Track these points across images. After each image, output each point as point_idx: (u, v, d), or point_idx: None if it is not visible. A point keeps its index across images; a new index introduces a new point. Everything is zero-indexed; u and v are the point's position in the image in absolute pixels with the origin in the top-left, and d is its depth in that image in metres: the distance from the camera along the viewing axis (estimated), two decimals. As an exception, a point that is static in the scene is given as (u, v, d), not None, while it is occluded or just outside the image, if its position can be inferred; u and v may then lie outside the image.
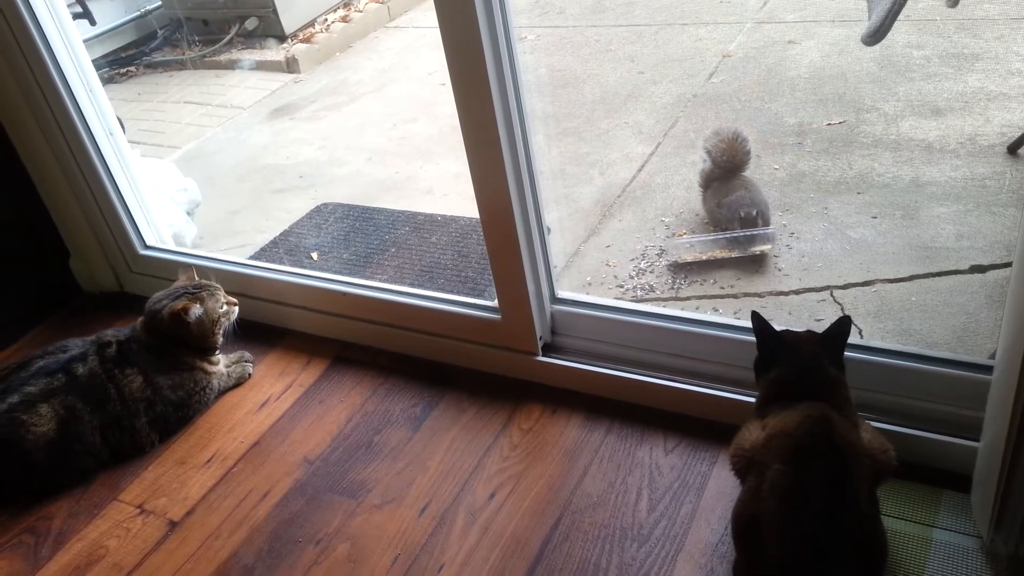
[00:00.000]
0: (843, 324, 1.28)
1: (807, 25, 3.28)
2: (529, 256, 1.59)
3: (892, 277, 1.95)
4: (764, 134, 2.62)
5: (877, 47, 2.53)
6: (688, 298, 2.04)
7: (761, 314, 1.31)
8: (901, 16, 2.01)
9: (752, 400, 1.43)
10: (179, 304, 1.73)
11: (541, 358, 1.68)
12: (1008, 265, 1.67)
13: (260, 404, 1.80)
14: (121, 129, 2.12)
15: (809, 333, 1.31)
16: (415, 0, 4.47)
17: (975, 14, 2.97)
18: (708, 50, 3.26)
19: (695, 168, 2.49)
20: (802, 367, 1.26)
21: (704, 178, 2.31)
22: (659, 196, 2.44)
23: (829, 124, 2.59)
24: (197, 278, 1.84)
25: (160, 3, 4.34)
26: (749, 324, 1.50)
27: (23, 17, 1.84)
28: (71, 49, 1.95)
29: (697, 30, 3.47)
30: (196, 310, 1.74)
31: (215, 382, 1.80)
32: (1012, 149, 2.27)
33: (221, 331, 1.80)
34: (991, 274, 1.90)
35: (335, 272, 2.07)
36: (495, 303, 1.68)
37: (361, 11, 4.35)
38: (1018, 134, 2.29)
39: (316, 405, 1.77)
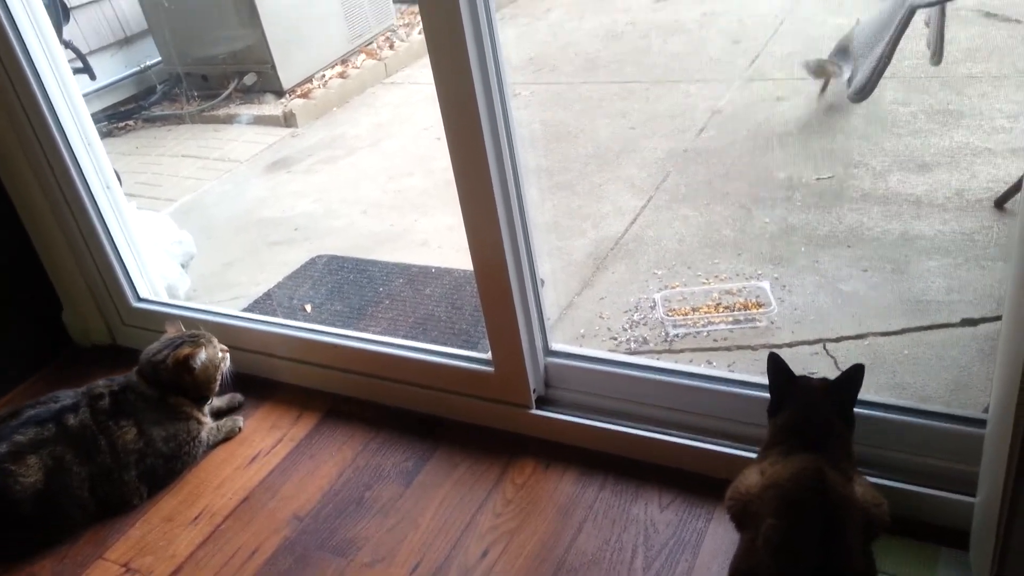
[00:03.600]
0: (855, 373, 1.26)
1: (795, 82, 3.35)
2: (523, 308, 1.60)
3: (884, 330, 1.95)
4: (754, 188, 2.66)
5: (864, 104, 2.59)
6: (682, 350, 2.04)
7: (778, 355, 1.30)
8: (886, 74, 2.05)
9: (746, 454, 1.42)
10: (184, 350, 1.73)
11: (535, 411, 1.67)
12: (998, 319, 1.68)
13: (250, 459, 1.78)
14: (118, 182, 2.13)
15: (822, 381, 1.31)
16: (411, 57, 4.57)
17: (958, 72, 3.04)
18: (698, 106, 3.32)
19: (687, 221, 2.52)
20: (806, 415, 1.25)
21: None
22: (651, 249, 2.46)
23: (818, 179, 2.62)
24: (184, 329, 1.83)
25: (160, 59, 4.42)
26: (743, 377, 1.51)
27: (24, 71, 1.87)
28: (71, 103, 1.98)
29: (687, 87, 3.54)
30: (201, 355, 1.73)
31: (204, 435, 1.79)
32: (999, 203, 2.30)
33: (220, 377, 1.79)
34: (982, 327, 1.91)
35: (328, 324, 2.07)
36: (488, 355, 1.68)
37: (358, 68, 4.43)
38: (1004, 189, 2.32)
39: (307, 460, 1.75)
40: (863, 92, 2.52)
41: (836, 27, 3.73)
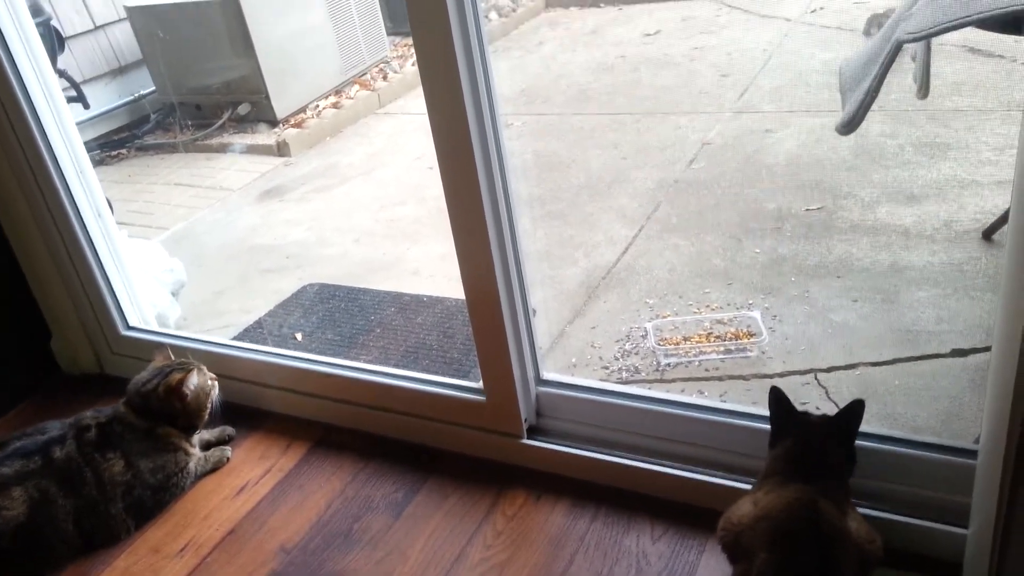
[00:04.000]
0: (855, 407, 1.26)
1: (783, 115, 3.40)
2: (514, 337, 1.59)
3: (875, 360, 1.96)
4: (745, 219, 2.68)
5: (852, 136, 2.62)
6: (673, 380, 2.04)
7: (780, 389, 1.30)
8: (874, 107, 2.07)
9: (740, 485, 1.41)
10: (176, 376, 1.71)
11: (526, 441, 1.66)
12: (987, 349, 1.68)
13: (238, 489, 1.76)
14: (110, 210, 2.13)
15: (823, 416, 1.31)
16: (405, 88, 4.61)
17: (945, 105, 3.08)
18: (688, 138, 3.35)
19: (678, 250, 2.54)
20: (805, 446, 1.25)
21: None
22: (643, 278, 2.47)
23: (807, 210, 2.65)
24: (173, 357, 1.82)
25: (154, 88, 4.44)
26: (735, 407, 1.51)
27: (18, 99, 1.87)
28: (64, 131, 1.98)
29: (677, 119, 3.58)
30: (193, 381, 1.72)
31: (192, 465, 1.77)
32: (987, 235, 2.32)
33: (210, 405, 1.78)
34: (972, 358, 1.91)
35: (319, 353, 2.06)
36: (480, 384, 1.67)
37: (352, 98, 4.46)
38: (991, 220, 2.35)
39: (295, 491, 1.73)
40: (851, 125, 2.54)
41: (824, 61, 3.80)
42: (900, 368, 1.92)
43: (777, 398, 1.29)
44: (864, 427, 1.44)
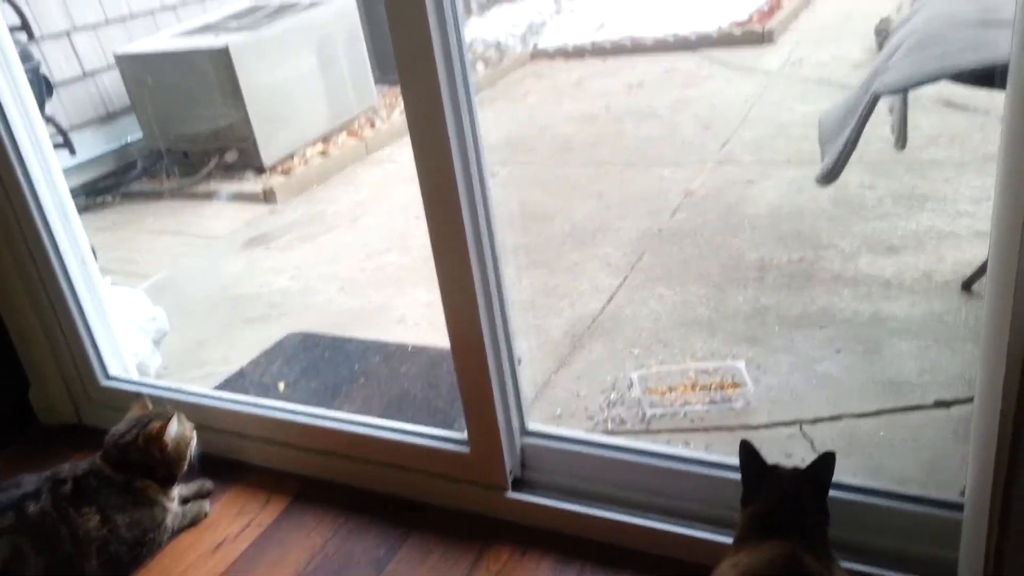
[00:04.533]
0: (826, 461, 1.24)
1: (764, 166, 3.45)
2: (499, 386, 1.58)
3: (859, 412, 1.96)
4: (728, 269, 2.70)
5: (832, 187, 2.66)
6: (659, 431, 2.03)
7: (750, 443, 1.28)
8: (853, 158, 2.11)
9: (726, 539, 1.40)
10: (155, 425, 1.68)
11: (511, 494, 1.64)
12: (970, 400, 1.69)
13: (215, 545, 1.72)
14: (93, 257, 2.12)
15: (794, 470, 1.29)
16: (392, 136, 4.65)
17: (922, 157, 3.15)
18: (671, 188, 3.40)
19: (663, 300, 2.55)
20: (778, 503, 1.23)
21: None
22: (628, 327, 2.47)
23: (789, 260, 2.67)
24: (151, 407, 1.80)
25: (141, 135, 4.46)
26: (720, 459, 1.50)
27: (4, 144, 1.87)
28: (49, 177, 1.97)
29: (660, 170, 3.63)
30: (173, 428, 1.69)
31: (170, 520, 1.73)
32: (966, 286, 2.35)
33: (190, 456, 1.75)
34: (955, 409, 1.92)
35: (302, 403, 2.03)
36: (464, 435, 1.66)
37: (339, 146, 4.50)
38: (971, 271, 2.38)
39: (275, 547, 1.70)
40: (831, 176, 2.59)
41: (804, 113, 3.88)
42: (884, 419, 1.93)
43: (747, 452, 1.28)
44: (849, 479, 1.44)
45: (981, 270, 2.33)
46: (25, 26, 3.89)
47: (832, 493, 1.38)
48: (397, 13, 1.31)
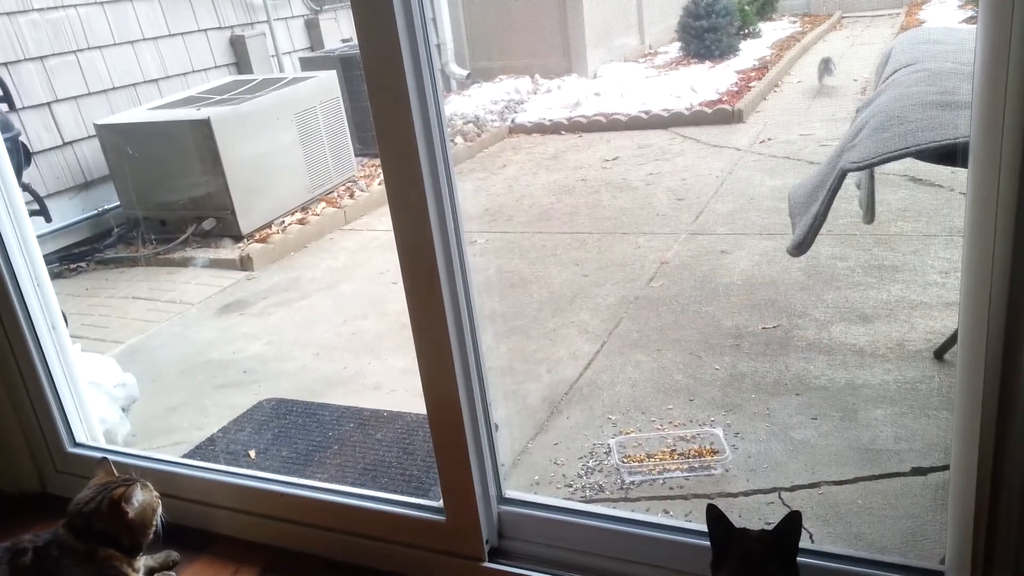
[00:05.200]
0: (792, 521, 1.22)
1: (737, 237, 3.52)
2: (476, 453, 1.56)
3: (837, 479, 1.96)
4: (704, 336, 2.72)
5: (803, 258, 2.72)
6: (638, 499, 2.01)
7: (717, 507, 1.26)
8: (823, 231, 2.16)
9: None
10: (120, 491, 1.63)
11: (487, 564, 1.60)
12: (946, 468, 1.70)
13: (181, 618, 1.66)
14: (64, 323, 2.09)
15: (761, 532, 1.28)
16: (371, 205, 4.69)
17: (891, 230, 3.23)
18: (647, 257, 3.45)
19: (640, 366, 2.55)
20: (747, 566, 1.21)
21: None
22: (606, 394, 2.47)
23: (764, 328, 2.70)
24: (116, 473, 1.75)
25: (119, 203, 4.46)
26: (700, 527, 1.48)
27: (-21, 213, 1.87)
28: (23, 243, 1.96)
29: (636, 239, 3.68)
30: (137, 493, 1.64)
31: (134, 593, 1.66)
32: (938, 354, 2.38)
33: (156, 524, 1.69)
34: (932, 476, 1.92)
35: (274, 471, 1.99)
36: (440, 503, 1.63)
37: (318, 214, 4.53)
38: (942, 340, 2.42)
39: (243, 619, 1.64)
40: (801, 247, 2.64)
41: (773, 187, 3.98)
42: (862, 487, 1.92)
43: (714, 516, 1.26)
44: (829, 547, 1.43)
45: (952, 339, 2.37)
46: (7, 97, 3.93)
47: (812, 561, 1.37)
48: (378, 89, 1.35)
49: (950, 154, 1.84)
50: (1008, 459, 1.11)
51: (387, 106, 1.36)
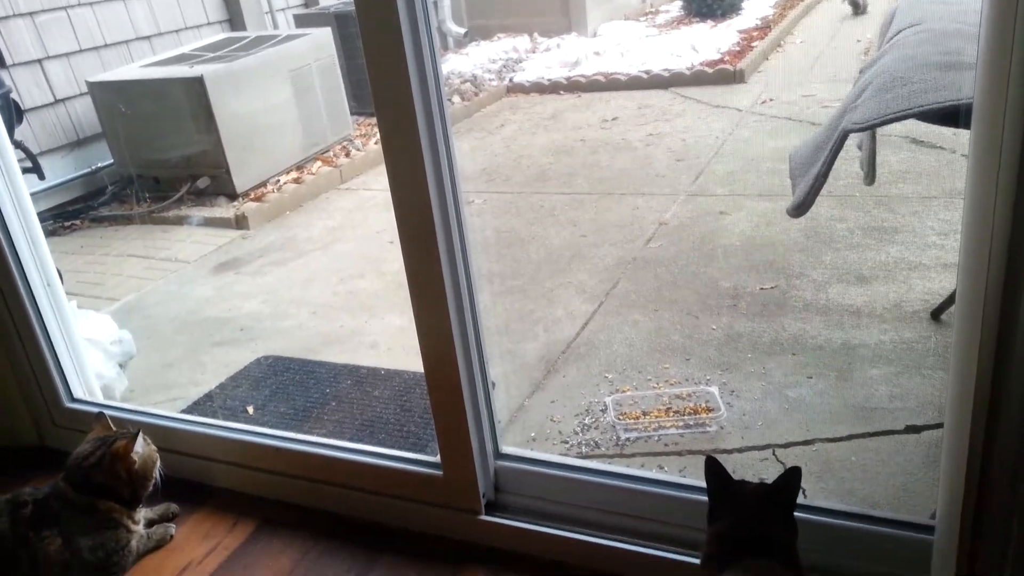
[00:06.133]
0: (792, 476, 1.23)
1: (737, 198, 3.50)
2: (473, 410, 1.57)
3: (831, 436, 1.97)
4: (701, 296, 2.72)
5: (803, 219, 2.71)
6: (633, 455, 2.03)
7: (716, 460, 1.26)
8: (823, 192, 2.15)
9: (698, 561, 1.39)
10: (122, 443, 1.64)
11: (484, 517, 1.62)
12: (940, 426, 1.71)
13: (180, 569, 1.67)
14: (59, 280, 2.09)
15: (760, 486, 1.28)
16: (367, 165, 4.66)
17: (891, 192, 3.22)
18: (645, 218, 3.43)
19: (637, 326, 2.56)
20: (745, 519, 1.22)
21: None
22: (602, 353, 2.47)
23: (762, 288, 2.70)
24: (113, 428, 1.76)
25: (112, 161, 4.42)
26: (694, 482, 1.50)
27: (-29, 168, 1.85)
28: (17, 201, 1.95)
29: (635, 200, 3.66)
30: (139, 445, 1.65)
31: (134, 543, 1.68)
32: (935, 315, 2.39)
33: (155, 476, 1.71)
34: (925, 434, 1.94)
35: (271, 427, 2.00)
36: (437, 458, 1.64)
37: (314, 174, 4.49)
38: (939, 301, 2.42)
39: (241, 570, 1.66)
40: (801, 208, 2.63)
41: (774, 149, 3.95)
42: (856, 444, 1.94)
43: (713, 469, 1.27)
44: (822, 503, 1.44)
45: (949, 300, 2.37)
46: (-4, 55, 3.87)
47: (805, 516, 1.38)
48: (374, 46, 1.32)
49: (953, 115, 1.83)
50: (1001, 417, 1.12)
51: (383, 64, 1.33)
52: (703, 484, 1.47)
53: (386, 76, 1.34)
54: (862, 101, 2.12)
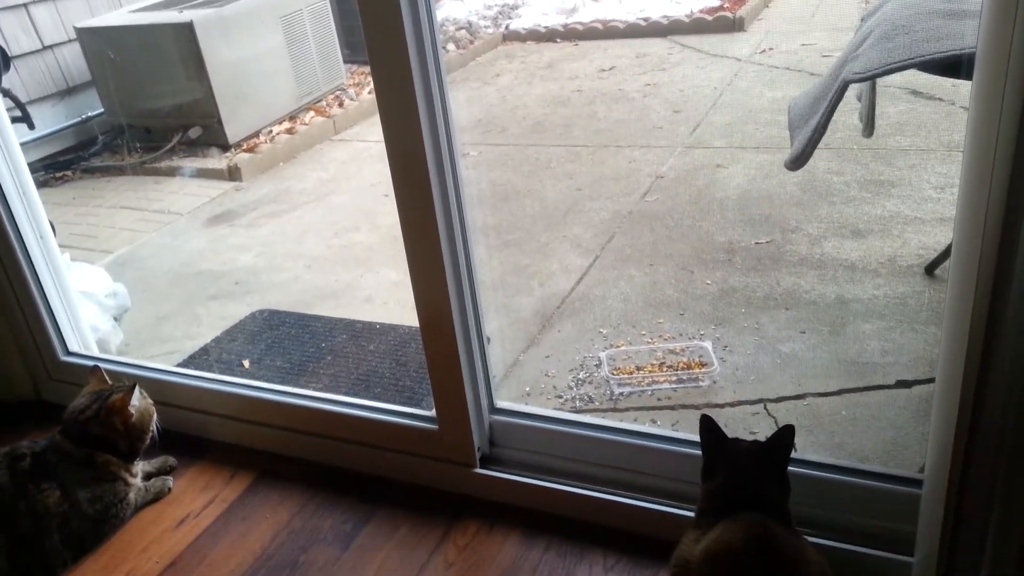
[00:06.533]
0: (785, 433, 1.24)
1: (734, 151, 3.47)
2: (468, 365, 1.58)
3: (822, 391, 1.99)
4: (697, 251, 2.71)
5: (800, 172, 2.69)
6: (626, 409, 2.05)
7: (710, 418, 1.28)
8: (821, 144, 2.13)
9: (691, 514, 1.41)
10: (119, 396, 1.65)
11: (479, 470, 1.64)
12: (931, 381, 1.72)
13: (179, 521, 1.70)
14: (52, 232, 2.07)
15: (754, 444, 1.30)
16: (361, 115, 4.60)
17: (889, 145, 3.19)
18: (642, 171, 3.41)
19: (632, 281, 2.56)
20: (739, 476, 1.24)
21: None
22: (597, 308, 2.48)
23: (757, 243, 2.70)
24: (109, 381, 1.76)
25: (102, 110, 4.35)
26: (687, 436, 1.52)
27: (-42, 117, 1.82)
28: (7, 151, 1.93)
29: (631, 152, 3.63)
30: (136, 398, 1.66)
31: (132, 496, 1.70)
32: (929, 270, 2.39)
33: (153, 429, 1.72)
34: (916, 389, 1.96)
35: (267, 380, 2.01)
36: (432, 413, 1.65)
37: (307, 124, 4.44)
38: (934, 255, 2.42)
39: (239, 522, 1.68)
40: (799, 161, 2.61)
41: (773, 100, 3.91)
42: (847, 399, 1.96)
43: (707, 426, 1.28)
44: (812, 456, 1.46)
45: (944, 254, 2.37)
46: (-21, -2, 3.78)
47: (795, 469, 1.40)
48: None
49: (955, 66, 1.80)
50: (993, 372, 1.13)
51: (377, 10, 1.30)
52: (695, 438, 1.49)
53: (380, 22, 1.31)
54: (863, 50, 2.08)
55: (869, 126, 2.41)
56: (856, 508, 1.39)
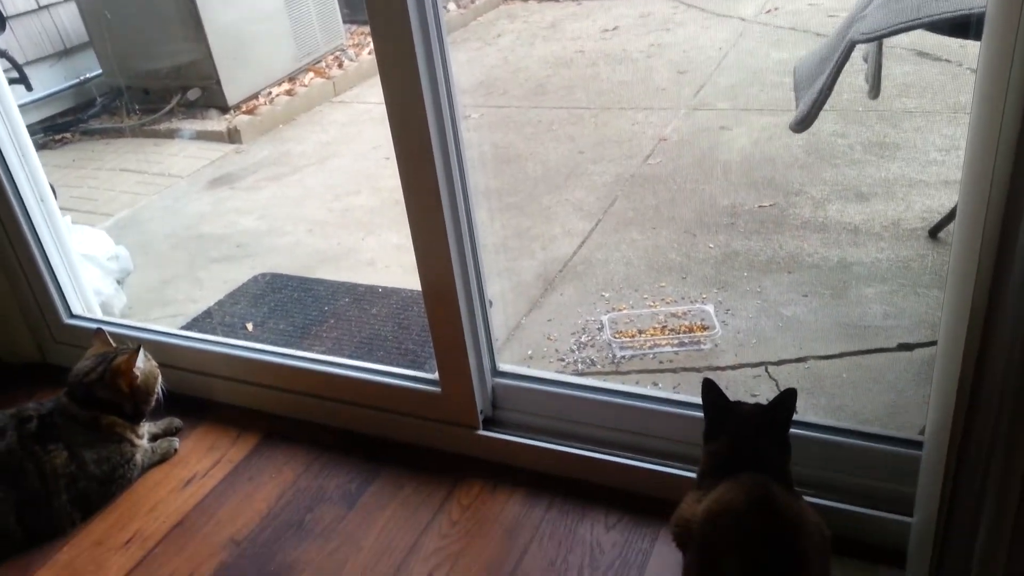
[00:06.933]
0: (787, 398, 1.25)
1: (738, 113, 3.44)
2: (471, 328, 1.58)
3: (824, 354, 2.00)
4: (699, 214, 2.70)
5: (804, 135, 2.67)
6: (628, 372, 2.06)
7: (712, 381, 1.29)
8: (826, 106, 2.11)
9: (691, 474, 1.42)
10: (124, 358, 1.66)
11: (482, 432, 1.65)
12: (933, 343, 1.73)
13: (185, 481, 1.72)
14: (53, 195, 2.06)
15: (756, 406, 1.31)
16: (360, 77, 4.55)
17: (894, 107, 3.16)
18: (645, 133, 3.38)
19: (634, 244, 2.55)
20: (741, 439, 1.25)
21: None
22: (599, 271, 2.48)
23: (760, 206, 2.68)
24: (113, 343, 1.77)
25: (100, 71, 4.31)
26: (688, 399, 1.53)
27: (-44, 79, 1.80)
28: (5, 113, 1.91)
29: (635, 114, 3.60)
30: (141, 360, 1.67)
31: (139, 457, 1.72)
32: (933, 233, 2.38)
33: (158, 391, 1.73)
34: (918, 352, 1.96)
35: (271, 343, 2.02)
36: (435, 376, 1.66)
37: (306, 85, 4.39)
38: (938, 219, 2.41)
39: (245, 482, 1.70)
40: (804, 123, 2.59)
41: (778, 60, 3.86)
42: (848, 361, 1.97)
43: (710, 389, 1.29)
44: (812, 418, 1.47)
45: (948, 217, 2.36)
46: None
47: (796, 431, 1.41)
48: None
49: (963, 26, 1.77)
50: (995, 336, 1.13)
51: (376, -34, 1.28)
52: (697, 400, 1.50)
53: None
54: (870, 10, 2.05)
55: (875, 87, 2.38)
56: (856, 470, 1.41)
